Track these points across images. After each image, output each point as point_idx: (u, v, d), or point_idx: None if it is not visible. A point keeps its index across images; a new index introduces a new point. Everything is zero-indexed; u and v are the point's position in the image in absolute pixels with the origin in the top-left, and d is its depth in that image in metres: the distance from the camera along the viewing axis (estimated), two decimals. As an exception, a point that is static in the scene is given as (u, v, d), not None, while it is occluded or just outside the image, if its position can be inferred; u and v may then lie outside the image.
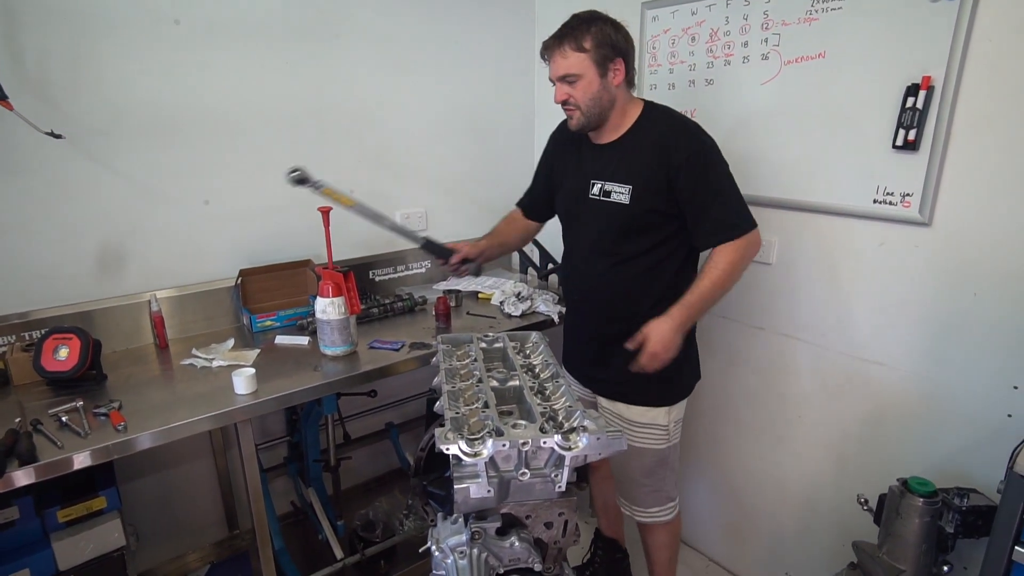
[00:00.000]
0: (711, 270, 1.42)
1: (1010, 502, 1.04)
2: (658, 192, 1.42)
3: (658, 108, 1.50)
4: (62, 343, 1.47)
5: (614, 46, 1.40)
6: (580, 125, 1.47)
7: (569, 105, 1.45)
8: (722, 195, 1.42)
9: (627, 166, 1.46)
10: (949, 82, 1.38)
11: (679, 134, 1.43)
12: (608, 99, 1.43)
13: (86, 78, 1.60)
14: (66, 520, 1.40)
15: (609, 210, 1.48)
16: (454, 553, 0.91)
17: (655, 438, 1.59)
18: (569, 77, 1.41)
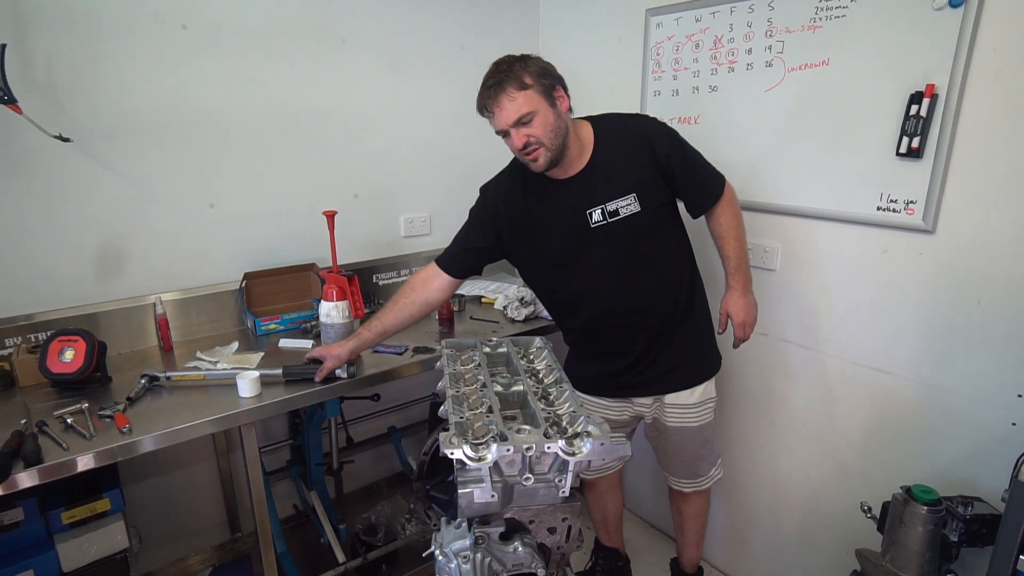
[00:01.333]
0: (729, 229, 1.53)
1: (1015, 511, 1.04)
2: (660, 185, 1.46)
3: (605, 117, 1.52)
4: (68, 345, 1.48)
5: (550, 74, 1.40)
6: (547, 162, 1.39)
7: (532, 146, 1.37)
8: (699, 162, 1.52)
9: (619, 177, 1.45)
10: (953, 90, 1.38)
11: (645, 127, 1.48)
12: (564, 127, 1.39)
13: (94, 82, 1.61)
14: (70, 522, 1.40)
15: (626, 226, 1.45)
16: (457, 557, 0.91)
17: (708, 410, 1.65)
18: (524, 117, 1.34)
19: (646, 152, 1.43)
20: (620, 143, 1.45)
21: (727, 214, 1.53)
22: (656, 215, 1.47)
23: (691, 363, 1.60)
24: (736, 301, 1.55)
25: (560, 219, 1.49)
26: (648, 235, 1.48)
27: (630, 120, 1.50)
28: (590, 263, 1.51)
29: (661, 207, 1.47)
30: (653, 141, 1.44)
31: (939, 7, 1.37)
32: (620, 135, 1.46)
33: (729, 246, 1.53)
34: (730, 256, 1.53)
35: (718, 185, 1.52)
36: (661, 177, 1.45)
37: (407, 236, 2.29)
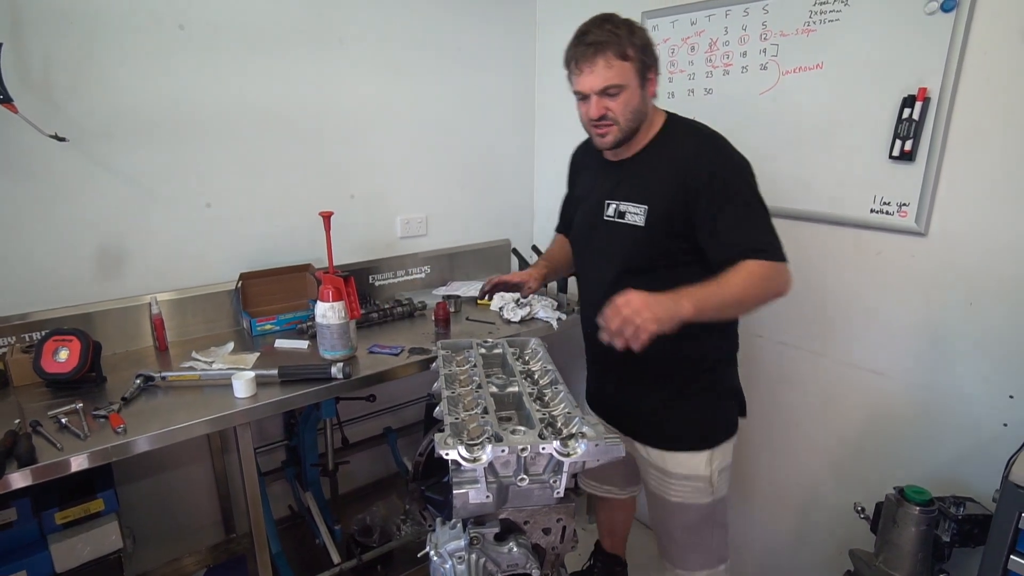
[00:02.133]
0: (735, 274, 1.19)
1: (1005, 511, 1.05)
2: (675, 215, 1.27)
3: (682, 121, 1.37)
4: (62, 345, 1.47)
5: (651, 53, 1.28)
6: (614, 143, 1.31)
7: (606, 120, 1.28)
8: (747, 220, 1.23)
9: (643, 183, 1.33)
10: (945, 93, 1.39)
11: (701, 149, 1.28)
12: (645, 112, 1.29)
13: (90, 81, 1.61)
14: (64, 522, 1.40)
15: (624, 233, 1.34)
16: (452, 558, 0.92)
17: (697, 491, 1.40)
18: (611, 89, 1.24)
19: (680, 174, 1.27)
20: (668, 150, 1.32)
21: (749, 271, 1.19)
22: (661, 242, 1.31)
23: (673, 422, 1.41)
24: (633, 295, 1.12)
25: (589, 197, 1.46)
26: (642, 257, 1.34)
27: (699, 136, 1.32)
28: (591, 259, 1.48)
29: (669, 236, 1.30)
30: (694, 168, 1.26)
31: (931, 11, 1.39)
32: (675, 143, 1.32)
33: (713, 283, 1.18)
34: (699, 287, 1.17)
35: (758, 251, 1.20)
36: (683, 207, 1.26)
37: (403, 237, 2.30)
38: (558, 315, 1.97)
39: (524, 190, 2.62)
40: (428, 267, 2.35)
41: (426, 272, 2.35)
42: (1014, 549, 1.05)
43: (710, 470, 1.40)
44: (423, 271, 2.34)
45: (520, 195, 2.61)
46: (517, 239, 2.59)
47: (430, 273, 2.36)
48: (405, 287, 2.30)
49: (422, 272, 2.34)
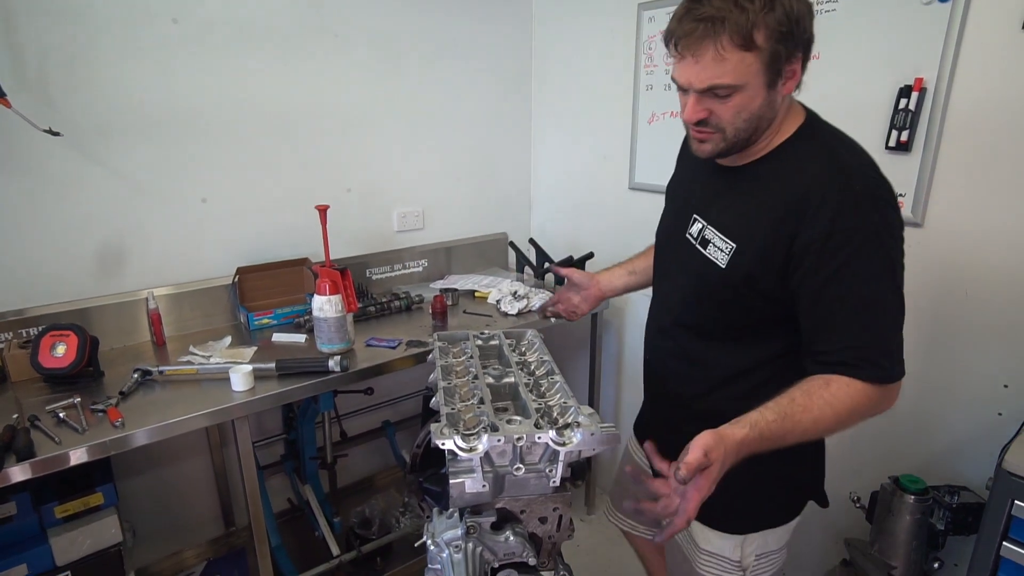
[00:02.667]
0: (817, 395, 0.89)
1: (998, 498, 1.05)
2: (769, 268, 0.95)
3: (821, 130, 0.98)
4: (59, 340, 1.47)
5: (798, 36, 0.88)
6: (714, 152, 0.97)
7: (707, 127, 0.94)
8: (868, 313, 0.89)
9: (741, 210, 0.99)
10: (941, 83, 1.39)
11: (828, 184, 0.89)
12: (770, 117, 0.94)
13: (84, 76, 1.60)
14: (63, 516, 1.40)
15: (698, 267, 1.05)
16: (449, 547, 0.92)
17: (722, 570, 1.16)
18: (720, 89, 0.89)
19: (791, 215, 0.91)
20: (785, 172, 0.95)
21: (844, 396, 0.89)
22: (742, 293, 0.99)
23: None
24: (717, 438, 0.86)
25: (680, 197, 1.17)
26: (708, 309, 1.06)
27: (830, 157, 0.93)
28: (663, 276, 1.22)
29: (750, 296, 0.99)
30: (809, 209, 0.89)
31: (927, 1, 1.38)
32: (797, 164, 0.95)
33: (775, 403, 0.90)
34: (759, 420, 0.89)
35: (865, 364, 0.89)
36: (781, 263, 0.93)
37: (400, 231, 2.30)
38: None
39: (521, 183, 2.61)
40: (425, 261, 2.35)
41: (423, 266, 2.35)
42: (1006, 535, 1.06)
43: (740, 554, 1.13)
44: (420, 265, 2.34)
45: (517, 188, 2.61)
46: (514, 232, 2.59)
47: (427, 267, 2.36)
48: (402, 281, 2.30)
49: (419, 266, 2.34)
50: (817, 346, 0.93)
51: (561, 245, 2.47)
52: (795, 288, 0.93)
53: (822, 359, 0.93)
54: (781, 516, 1.14)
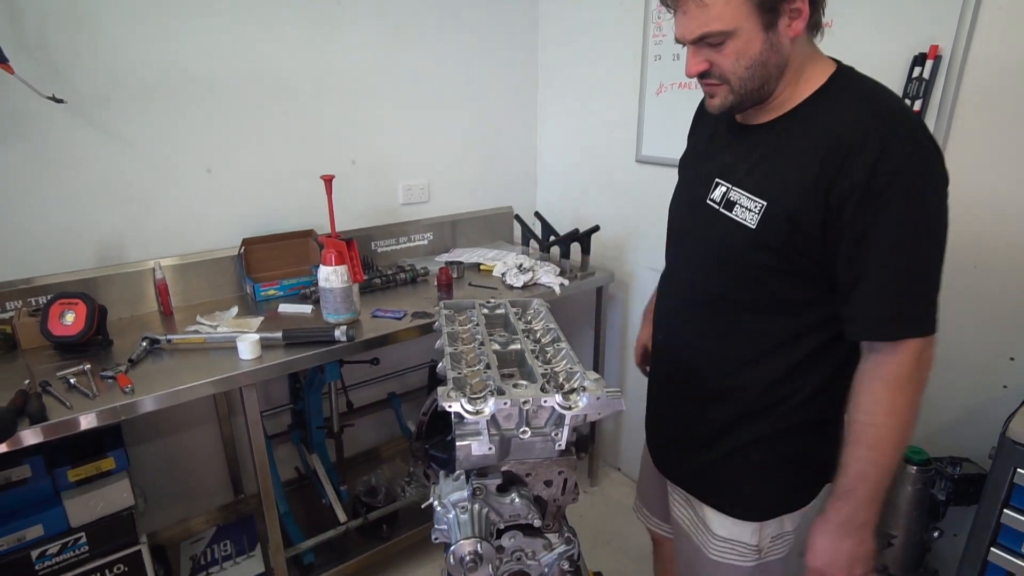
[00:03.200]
0: (865, 419, 0.89)
1: (1001, 466, 1.06)
2: (804, 225, 0.89)
3: (855, 80, 0.91)
4: (68, 308, 1.48)
5: None
6: (723, 106, 0.94)
7: (711, 78, 0.92)
8: (900, 267, 0.85)
9: (769, 167, 0.93)
10: (957, 51, 1.36)
11: (869, 127, 0.83)
12: (777, 63, 0.88)
13: (87, 42, 1.58)
14: (76, 479, 1.43)
15: (725, 231, 0.97)
16: (456, 508, 0.93)
17: (737, 554, 1.11)
18: (711, 37, 0.87)
19: (826, 162, 0.85)
20: (819, 122, 0.89)
21: (875, 392, 0.89)
22: (766, 259, 0.94)
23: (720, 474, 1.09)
24: (820, 537, 0.95)
25: (697, 165, 1.10)
26: (737, 277, 0.99)
27: (868, 102, 0.87)
28: (681, 250, 1.13)
29: (785, 256, 0.92)
30: (848, 155, 0.83)
31: (945, -35, 1.35)
32: (831, 112, 0.88)
33: (849, 448, 0.91)
34: (844, 465, 0.91)
35: (894, 322, 0.86)
36: (820, 216, 0.87)
37: (405, 204, 2.29)
38: (561, 280, 1.97)
39: (527, 156, 2.59)
40: (430, 234, 2.34)
41: (428, 239, 2.34)
42: (1008, 503, 1.07)
43: (758, 538, 1.09)
44: (425, 238, 2.34)
45: (523, 161, 2.59)
46: (520, 206, 2.58)
47: (432, 240, 2.35)
48: (407, 254, 2.30)
49: (424, 239, 2.34)
50: (854, 304, 0.89)
51: (567, 218, 2.46)
52: (834, 241, 0.87)
53: (850, 315, 0.90)
54: (801, 499, 1.09)
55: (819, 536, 0.96)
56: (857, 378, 0.91)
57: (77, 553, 1.43)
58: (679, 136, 1.78)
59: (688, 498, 1.16)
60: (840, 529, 0.93)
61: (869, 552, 0.93)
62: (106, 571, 1.47)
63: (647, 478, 1.40)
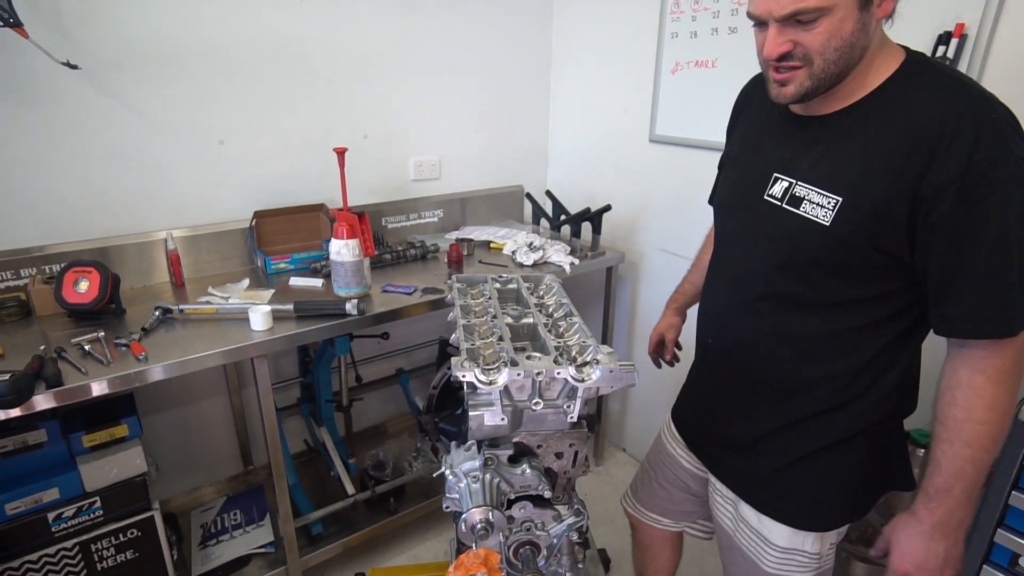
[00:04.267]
0: (963, 416, 0.84)
1: (1011, 448, 1.06)
2: (887, 221, 0.84)
3: (932, 67, 0.86)
4: (82, 276, 1.49)
5: None
6: (798, 94, 0.87)
7: (793, 60, 0.85)
8: (1003, 261, 0.79)
9: (843, 159, 0.88)
10: (984, 29, 1.33)
11: (961, 117, 0.78)
12: (864, 45, 0.83)
13: (100, 9, 1.57)
14: (91, 445, 1.45)
15: (794, 229, 0.92)
16: (468, 477, 0.94)
17: (797, 564, 1.07)
18: (803, 14, 0.80)
19: (916, 155, 0.80)
20: (900, 112, 0.83)
21: (976, 387, 0.84)
22: (843, 257, 0.88)
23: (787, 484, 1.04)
24: (910, 539, 0.91)
25: (748, 160, 1.04)
26: (823, 272, 0.91)
27: (956, 91, 0.81)
28: (734, 245, 1.07)
29: (864, 255, 0.87)
30: (942, 149, 0.78)
31: (975, -60, 1.31)
32: (913, 100, 0.83)
33: (944, 445, 0.86)
34: (938, 463, 0.87)
35: (996, 321, 0.81)
36: (906, 210, 0.82)
37: (416, 180, 2.28)
38: (571, 259, 1.96)
39: (539, 135, 2.57)
40: (441, 211, 2.34)
41: (439, 216, 2.34)
42: (1016, 485, 1.07)
43: (820, 546, 1.05)
44: (436, 215, 2.33)
45: (535, 140, 2.57)
46: (531, 184, 2.56)
47: (443, 217, 2.35)
48: (417, 230, 2.30)
49: (435, 216, 2.33)
50: (954, 301, 0.83)
51: (578, 198, 2.44)
52: (924, 235, 0.82)
53: (942, 314, 0.85)
54: (865, 507, 1.06)
55: (911, 538, 0.91)
56: (951, 373, 0.86)
57: (92, 517, 1.46)
58: (694, 116, 1.77)
59: (736, 501, 1.13)
60: (935, 531, 0.89)
61: (961, 554, 0.91)
62: (120, 535, 1.50)
63: (660, 474, 1.35)
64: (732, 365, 1.10)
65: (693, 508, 1.34)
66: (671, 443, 1.33)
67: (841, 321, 0.94)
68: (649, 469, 1.40)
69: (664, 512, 1.38)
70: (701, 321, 1.18)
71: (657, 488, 1.38)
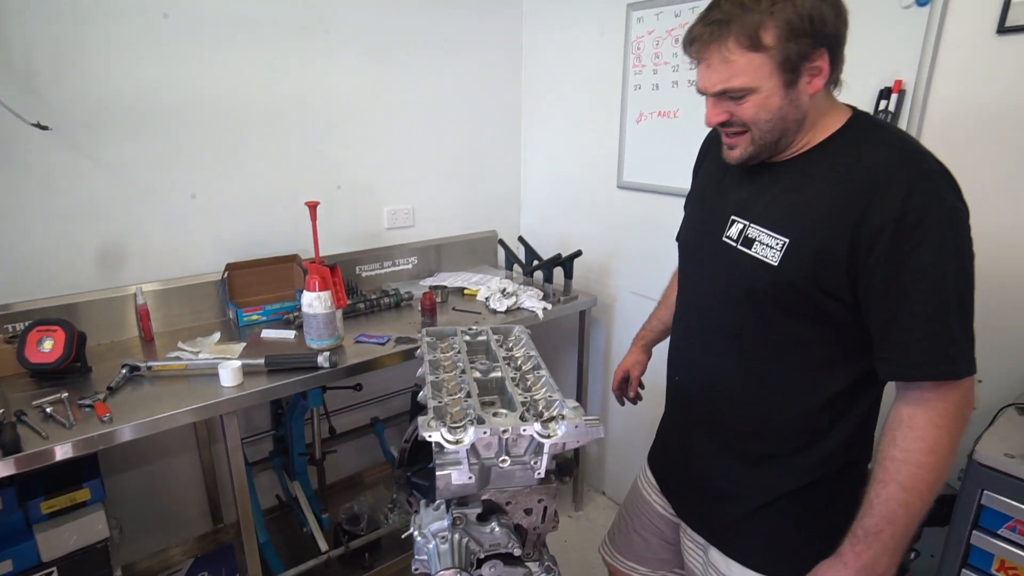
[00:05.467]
0: (895, 462, 0.85)
1: (969, 488, 1.08)
2: (830, 263, 0.87)
3: (873, 124, 0.93)
4: (47, 335, 1.47)
5: (816, 33, 0.84)
6: (743, 157, 0.95)
7: (732, 127, 0.93)
8: (941, 304, 0.82)
9: (790, 203, 0.93)
10: (920, 85, 1.43)
11: (894, 169, 0.83)
12: (796, 118, 0.90)
13: (73, 70, 1.60)
14: (49, 511, 1.40)
15: (746, 268, 0.96)
16: (436, 538, 0.94)
17: None
18: (733, 92, 0.88)
19: (854, 203, 0.85)
20: (842, 162, 0.90)
21: (917, 428, 0.85)
22: (798, 293, 0.91)
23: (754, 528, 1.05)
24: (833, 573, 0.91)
25: (709, 202, 1.10)
26: (773, 311, 0.95)
27: (892, 145, 0.87)
28: (696, 284, 1.11)
29: (808, 294, 0.90)
30: (877, 196, 0.83)
31: (906, 5, 1.42)
32: (854, 153, 0.89)
33: (878, 487, 0.87)
34: (871, 504, 0.87)
35: (937, 364, 0.83)
36: (846, 254, 0.86)
37: (390, 228, 2.30)
38: (544, 305, 1.99)
39: (511, 181, 2.63)
40: (415, 258, 2.36)
41: (413, 263, 2.36)
42: (977, 524, 1.09)
43: None
44: (410, 262, 2.35)
45: (507, 186, 2.63)
46: (505, 230, 2.60)
47: (417, 264, 2.37)
48: (392, 278, 2.31)
49: (409, 263, 2.35)
50: (893, 344, 0.85)
51: (550, 243, 2.49)
52: (863, 279, 0.86)
53: (884, 357, 0.87)
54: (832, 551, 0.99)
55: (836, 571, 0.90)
56: (895, 414, 0.88)
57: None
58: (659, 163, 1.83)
59: (706, 547, 1.13)
60: (862, 568, 0.88)
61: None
62: (78, 606, 1.44)
63: (636, 521, 1.35)
64: (696, 404, 1.12)
65: (670, 556, 1.33)
66: (647, 489, 1.33)
67: (795, 361, 0.97)
68: (626, 516, 1.39)
69: (641, 560, 1.37)
70: (669, 359, 1.21)
71: (634, 536, 1.37)
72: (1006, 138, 1.34)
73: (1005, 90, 1.33)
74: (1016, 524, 1.06)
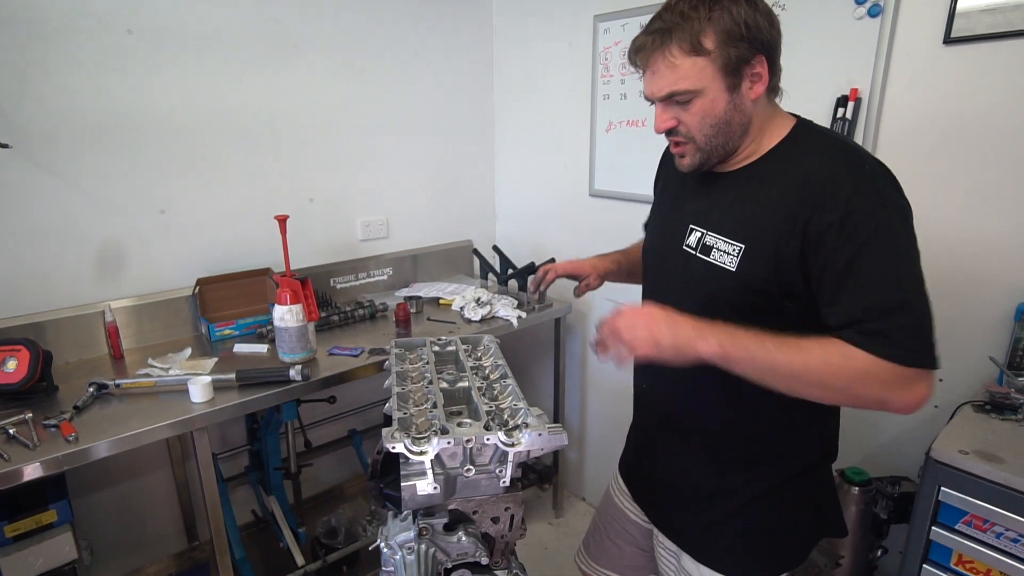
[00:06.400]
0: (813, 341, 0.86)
1: (927, 485, 1.11)
2: (784, 264, 0.91)
3: (815, 131, 0.98)
4: (10, 355, 1.45)
5: (752, 38, 0.90)
6: (692, 165, 1.00)
7: (678, 136, 0.98)
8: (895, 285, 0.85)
9: (743, 211, 0.96)
10: (874, 94, 1.47)
11: (836, 172, 0.87)
12: (740, 122, 0.94)
13: (36, 87, 1.58)
14: (14, 535, 1.37)
15: (705, 275, 1.00)
16: (402, 549, 0.94)
17: None
18: (678, 96, 0.93)
19: (799, 204, 0.88)
20: (788, 169, 0.93)
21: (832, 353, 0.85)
22: (749, 297, 0.95)
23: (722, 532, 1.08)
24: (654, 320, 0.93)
25: (670, 212, 1.13)
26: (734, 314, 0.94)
27: (837, 155, 0.90)
28: (661, 286, 1.14)
29: (767, 294, 0.93)
30: (820, 197, 0.87)
31: (859, 16, 1.46)
32: (800, 162, 0.92)
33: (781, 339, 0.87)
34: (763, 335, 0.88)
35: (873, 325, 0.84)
36: (796, 256, 0.89)
37: (364, 239, 2.31)
38: (518, 313, 2.00)
39: (485, 190, 2.65)
40: (390, 269, 2.36)
41: (388, 274, 2.36)
42: (936, 520, 1.12)
43: None
44: (385, 273, 2.35)
45: (481, 196, 2.64)
46: (480, 239, 2.62)
47: (392, 275, 2.37)
48: (367, 289, 2.31)
49: (384, 274, 2.35)
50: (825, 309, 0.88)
51: (524, 251, 2.50)
52: (816, 276, 0.89)
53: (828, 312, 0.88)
54: (803, 553, 1.07)
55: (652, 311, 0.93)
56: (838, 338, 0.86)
57: (13, 613, 1.37)
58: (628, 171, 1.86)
59: (679, 553, 1.14)
60: (680, 325, 0.90)
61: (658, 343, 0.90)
62: (46, 631, 1.41)
63: (610, 528, 1.36)
64: (664, 412, 1.14)
65: (644, 563, 1.34)
66: (619, 496, 1.34)
67: None
68: (600, 524, 1.40)
69: (616, 568, 1.37)
70: (635, 368, 1.22)
71: (608, 543, 1.38)
72: (953, 144, 1.39)
73: (951, 97, 1.38)
74: (972, 519, 1.09)
